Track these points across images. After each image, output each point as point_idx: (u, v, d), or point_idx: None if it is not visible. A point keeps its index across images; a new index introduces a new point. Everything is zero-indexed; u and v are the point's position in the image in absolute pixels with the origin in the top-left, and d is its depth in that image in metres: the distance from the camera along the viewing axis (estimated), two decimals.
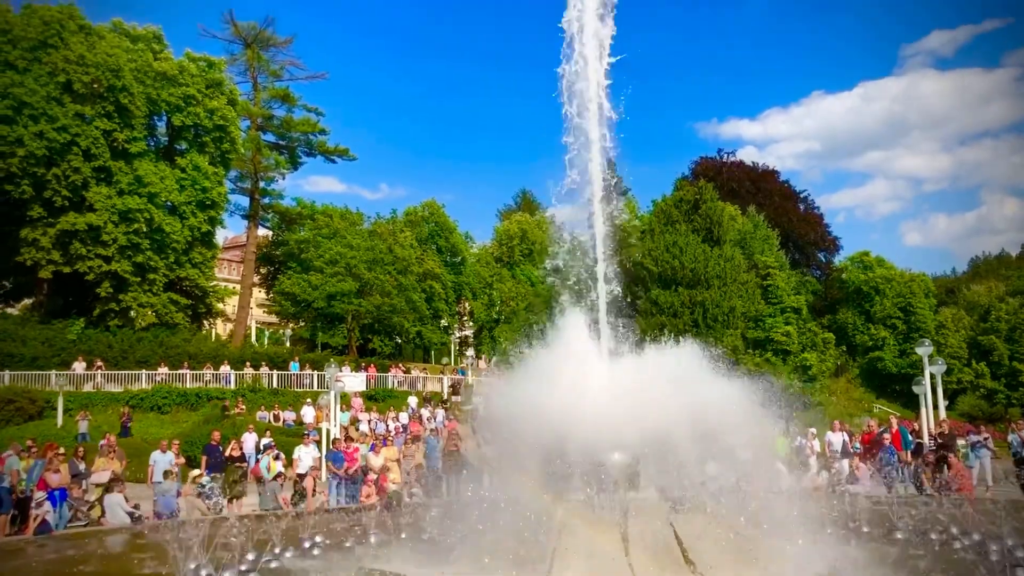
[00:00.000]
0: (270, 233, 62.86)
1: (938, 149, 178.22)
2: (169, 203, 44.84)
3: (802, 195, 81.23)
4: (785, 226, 72.51)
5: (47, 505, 15.24)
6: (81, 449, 19.94)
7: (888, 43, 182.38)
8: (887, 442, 18.80)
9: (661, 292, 53.64)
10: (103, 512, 15.70)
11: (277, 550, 10.00)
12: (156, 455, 19.70)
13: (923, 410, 25.33)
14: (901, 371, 59.12)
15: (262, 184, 56.95)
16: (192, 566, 7.06)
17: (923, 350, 26.28)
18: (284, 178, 58.92)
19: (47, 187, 40.59)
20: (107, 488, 16.26)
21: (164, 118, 47.50)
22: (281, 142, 57.92)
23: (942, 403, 26.96)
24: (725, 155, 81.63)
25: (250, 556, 9.26)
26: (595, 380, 9.07)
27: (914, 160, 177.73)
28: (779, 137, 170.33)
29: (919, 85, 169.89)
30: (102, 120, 41.88)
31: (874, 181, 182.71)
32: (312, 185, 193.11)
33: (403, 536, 11.47)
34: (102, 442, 21.02)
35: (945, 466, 17.64)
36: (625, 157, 10.38)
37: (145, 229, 42.56)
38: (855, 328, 66.74)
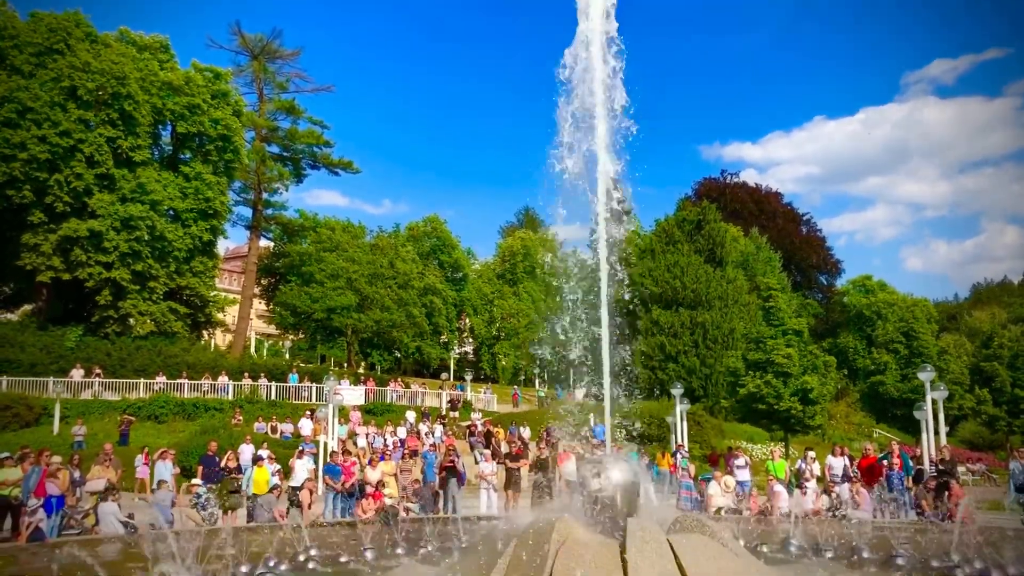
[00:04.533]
0: (272, 244, 62.91)
1: (939, 176, 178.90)
2: (171, 211, 44.90)
3: (804, 218, 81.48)
4: (787, 248, 72.62)
5: (41, 513, 15.10)
6: (76, 457, 19.83)
7: (890, 70, 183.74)
8: (895, 467, 18.67)
9: (662, 312, 53.60)
10: (97, 521, 15.57)
11: (272, 562, 9.90)
12: (157, 466, 19.64)
13: (924, 436, 25.17)
14: (902, 396, 59.00)
15: (265, 195, 57.08)
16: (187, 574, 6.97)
17: (925, 375, 26.14)
18: (287, 190, 59.14)
19: (49, 192, 40.63)
20: (102, 497, 16.13)
21: (168, 127, 47.66)
22: (285, 154, 58.08)
23: (943, 429, 26.81)
24: (728, 176, 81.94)
25: (244, 568, 9.16)
26: None
27: (915, 186, 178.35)
28: (781, 160, 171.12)
29: (920, 112, 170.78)
30: (106, 127, 41.99)
31: (875, 206, 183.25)
32: (315, 198, 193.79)
33: (399, 551, 11.36)
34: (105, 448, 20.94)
35: (946, 492, 17.51)
36: (628, 177, 10.32)
37: (147, 237, 42.56)
38: (856, 352, 66.70)
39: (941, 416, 26.30)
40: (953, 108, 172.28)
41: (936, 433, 25.34)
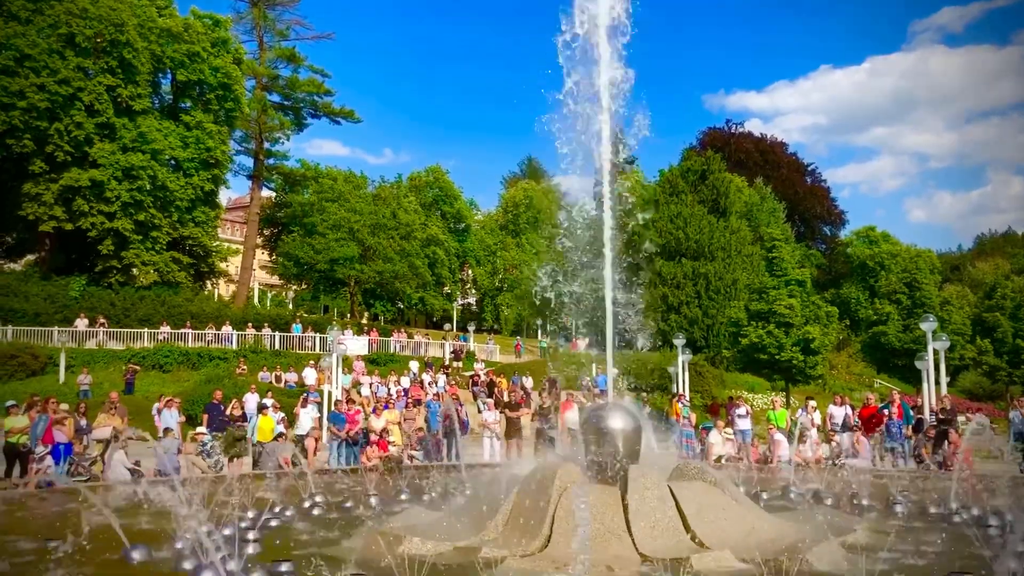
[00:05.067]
0: (273, 194, 62.66)
1: (945, 126, 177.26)
2: (172, 160, 44.66)
3: (809, 168, 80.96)
4: (791, 199, 72.28)
5: (49, 460, 15.30)
6: (83, 405, 20.00)
7: (898, 18, 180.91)
8: (894, 415, 18.79)
9: (665, 264, 53.54)
10: (104, 468, 15.76)
11: (277, 509, 10.01)
12: (164, 413, 19.77)
13: (925, 385, 25.25)
14: (904, 346, 59.20)
15: (266, 145, 56.68)
16: (192, 522, 7.04)
17: (927, 325, 26.16)
18: (288, 139, 58.72)
19: (49, 141, 40.39)
20: (108, 444, 16.31)
21: (168, 75, 47.16)
22: (286, 102, 57.54)
23: (944, 379, 26.92)
24: (733, 126, 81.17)
25: (250, 514, 9.27)
26: None
27: (920, 136, 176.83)
28: (786, 110, 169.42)
29: (928, 61, 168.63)
30: (105, 75, 41.58)
31: (880, 157, 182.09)
32: (316, 148, 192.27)
33: (403, 498, 11.50)
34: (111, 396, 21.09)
35: (946, 441, 17.66)
36: (632, 126, 10.18)
37: (148, 186, 42.43)
38: (858, 303, 66.77)
39: (942, 366, 26.38)
40: (961, 57, 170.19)
41: (937, 383, 25.44)
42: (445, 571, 6.44)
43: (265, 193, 60.72)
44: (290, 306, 65.67)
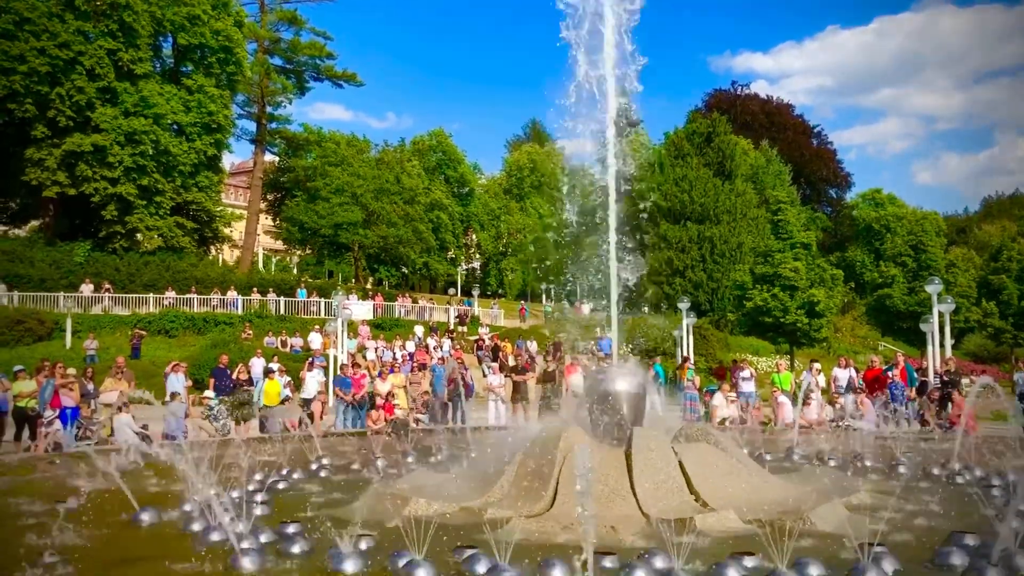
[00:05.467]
0: (276, 159, 62.40)
1: (952, 87, 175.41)
2: (175, 125, 44.44)
3: (815, 130, 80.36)
4: (797, 161, 71.84)
5: (58, 424, 15.42)
6: (90, 370, 20.12)
7: None
8: (896, 378, 18.83)
9: (670, 227, 53.37)
10: (112, 432, 15.88)
11: (284, 471, 10.10)
12: (170, 378, 19.87)
13: (929, 348, 25.26)
14: (909, 309, 59.16)
15: (269, 109, 56.33)
16: (201, 485, 7.11)
17: (932, 288, 26.09)
18: (291, 103, 58.36)
19: (51, 106, 40.23)
20: (116, 408, 16.44)
21: (169, 39, 46.77)
22: (288, 66, 57.07)
23: (948, 342, 26.92)
24: (739, 88, 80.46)
25: (258, 477, 9.35)
26: None
27: (928, 98, 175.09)
28: (792, 72, 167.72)
29: (936, 21, 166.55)
30: (106, 39, 41.25)
31: (887, 118, 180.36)
32: (318, 112, 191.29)
33: (410, 460, 11.58)
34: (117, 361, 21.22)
35: (949, 403, 17.70)
36: (637, 91, 10.08)
37: (151, 151, 42.29)
38: (864, 265, 66.63)
39: (947, 329, 26.35)
40: (970, 17, 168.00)
41: (941, 345, 25.44)
42: (451, 532, 6.50)
43: (268, 158, 60.51)
44: (295, 271, 65.71)
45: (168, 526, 7.42)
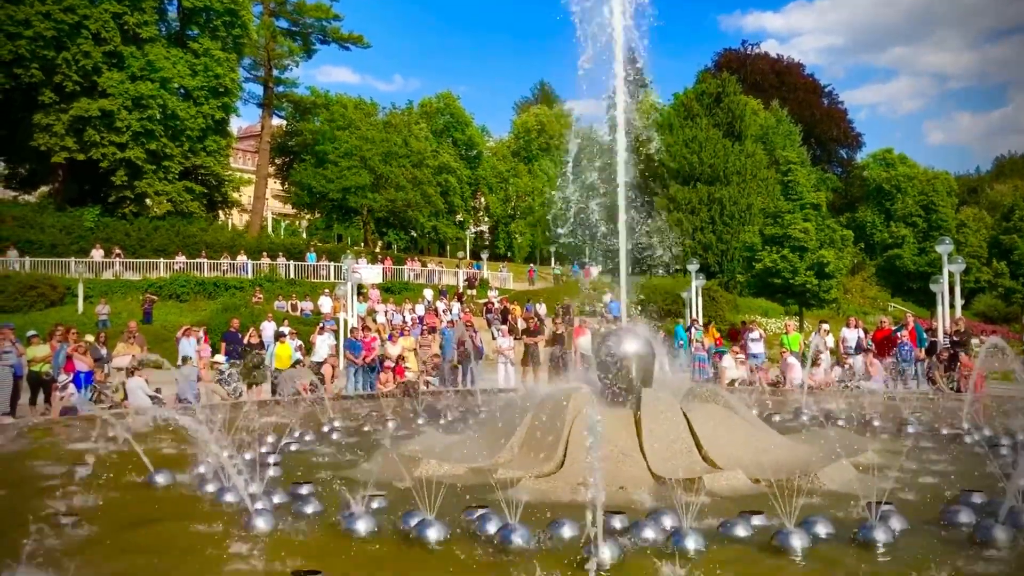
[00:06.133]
0: (284, 123, 62.17)
1: (965, 45, 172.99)
2: (182, 89, 44.24)
3: (826, 90, 79.44)
4: (808, 121, 71.13)
5: (72, 388, 15.56)
6: (103, 335, 20.26)
7: None
8: (904, 339, 18.80)
9: (679, 189, 53.07)
10: (125, 396, 16.03)
11: (297, 434, 10.19)
12: (183, 343, 19.99)
13: (939, 308, 25.18)
14: (919, 269, 58.90)
15: (275, 72, 56.02)
16: (214, 447, 7.19)
17: (943, 248, 25.96)
18: (298, 66, 58.02)
19: (57, 71, 40.11)
20: (129, 372, 16.57)
21: (175, 2, 46.39)
22: (294, 28, 56.58)
23: (959, 302, 26.83)
24: (749, 47, 79.38)
25: (270, 439, 9.44)
26: None
27: (940, 56, 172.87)
28: (802, 30, 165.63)
29: None
30: (111, 3, 41.02)
31: (898, 77, 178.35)
32: (325, 75, 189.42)
33: (420, 422, 11.67)
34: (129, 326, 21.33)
35: (957, 363, 17.67)
36: (646, 48, 9.96)
37: (159, 115, 42.19)
38: (874, 226, 66.24)
39: (957, 289, 26.25)
40: None
41: (951, 306, 25.37)
42: (462, 492, 6.57)
43: (276, 121, 60.27)
44: (304, 235, 65.77)
45: (182, 488, 7.52)
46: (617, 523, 5.60)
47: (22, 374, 15.61)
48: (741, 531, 5.45)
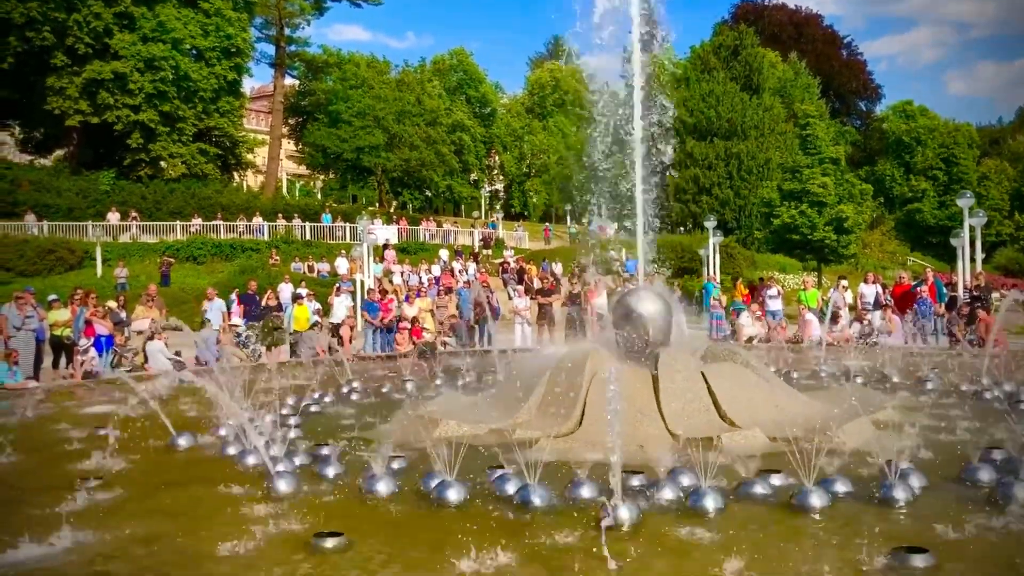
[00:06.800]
0: (297, 83, 61.80)
1: None
2: (194, 50, 44.04)
3: (845, 40, 78.14)
4: (826, 73, 70.08)
5: (93, 351, 15.72)
6: (122, 298, 20.38)
7: None
8: (924, 295, 18.64)
9: (696, 144, 52.52)
10: (146, 359, 16.18)
11: (316, 395, 10.27)
12: (213, 304, 19.99)
13: (960, 263, 24.93)
14: (939, 223, 58.23)
15: (287, 31, 55.51)
16: (236, 408, 7.26)
17: (964, 201, 25.63)
18: (309, 24, 57.50)
19: (68, 33, 40.02)
20: (149, 335, 16.71)
21: None
22: None
23: (979, 256, 26.57)
24: None
25: (290, 401, 9.52)
26: None
27: (961, 5, 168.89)
28: None
29: None
30: None
31: (918, 27, 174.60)
32: (337, 34, 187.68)
33: (438, 382, 11.73)
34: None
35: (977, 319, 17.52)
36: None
37: (171, 77, 42.09)
38: (893, 180, 65.44)
39: (978, 243, 25.97)
40: None
41: (972, 260, 25.12)
42: (481, 453, 6.61)
43: (288, 81, 59.88)
44: (319, 196, 65.72)
45: (205, 449, 7.61)
46: (636, 482, 5.62)
47: (44, 338, 15.77)
48: (760, 490, 5.47)
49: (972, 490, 5.53)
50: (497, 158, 72.89)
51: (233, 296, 21.89)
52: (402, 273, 32.11)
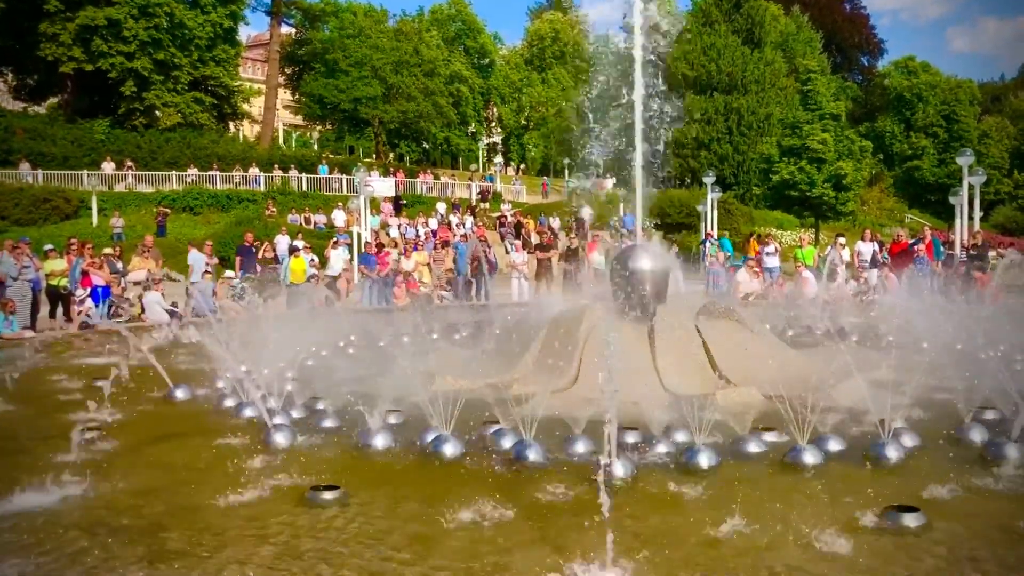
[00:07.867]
0: (293, 31, 60.88)
1: None
2: None
3: None
4: (829, 27, 69.21)
5: (89, 302, 15.70)
6: (118, 248, 20.29)
7: None
8: (920, 253, 18.64)
9: (696, 98, 52.03)
10: (143, 309, 16.17)
11: (313, 349, 10.27)
12: (193, 255, 19.91)
13: (958, 221, 24.89)
14: (938, 181, 58.02)
15: None
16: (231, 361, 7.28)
17: (963, 160, 25.48)
18: None
19: None
20: (145, 286, 16.67)
21: None
22: None
23: (977, 214, 26.51)
24: None
25: (287, 354, 9.50)
26: None
27: None
28: None
29: None
30: None
31: None
32: None
33: (435, 336, 11.74)
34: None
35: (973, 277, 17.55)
36: None
37: (166, 24, 41.46)
38: (893, 136, 65.03)
39: (977, 201, 25.90)
40: None
41: (971, 218, 25.08)
42: (477, 407, 6.64)
43: (285, 30, 58.95)
44: (315, 147, 65.18)
45: (202, 401, 7.65)
46: (631, 439, 5.66)
47: (40, 288, 15.74)
48: (754, 447, 5.51)
49: (964, 449, 5.58)
50: (495, 110, 72.23)
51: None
52: (399, 226, 32.01)
